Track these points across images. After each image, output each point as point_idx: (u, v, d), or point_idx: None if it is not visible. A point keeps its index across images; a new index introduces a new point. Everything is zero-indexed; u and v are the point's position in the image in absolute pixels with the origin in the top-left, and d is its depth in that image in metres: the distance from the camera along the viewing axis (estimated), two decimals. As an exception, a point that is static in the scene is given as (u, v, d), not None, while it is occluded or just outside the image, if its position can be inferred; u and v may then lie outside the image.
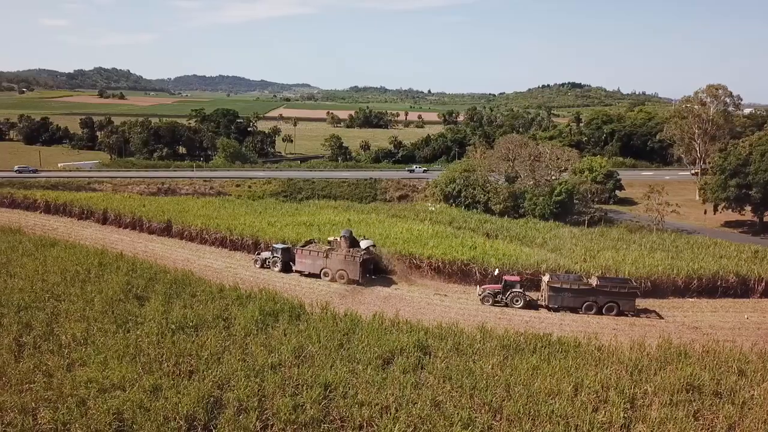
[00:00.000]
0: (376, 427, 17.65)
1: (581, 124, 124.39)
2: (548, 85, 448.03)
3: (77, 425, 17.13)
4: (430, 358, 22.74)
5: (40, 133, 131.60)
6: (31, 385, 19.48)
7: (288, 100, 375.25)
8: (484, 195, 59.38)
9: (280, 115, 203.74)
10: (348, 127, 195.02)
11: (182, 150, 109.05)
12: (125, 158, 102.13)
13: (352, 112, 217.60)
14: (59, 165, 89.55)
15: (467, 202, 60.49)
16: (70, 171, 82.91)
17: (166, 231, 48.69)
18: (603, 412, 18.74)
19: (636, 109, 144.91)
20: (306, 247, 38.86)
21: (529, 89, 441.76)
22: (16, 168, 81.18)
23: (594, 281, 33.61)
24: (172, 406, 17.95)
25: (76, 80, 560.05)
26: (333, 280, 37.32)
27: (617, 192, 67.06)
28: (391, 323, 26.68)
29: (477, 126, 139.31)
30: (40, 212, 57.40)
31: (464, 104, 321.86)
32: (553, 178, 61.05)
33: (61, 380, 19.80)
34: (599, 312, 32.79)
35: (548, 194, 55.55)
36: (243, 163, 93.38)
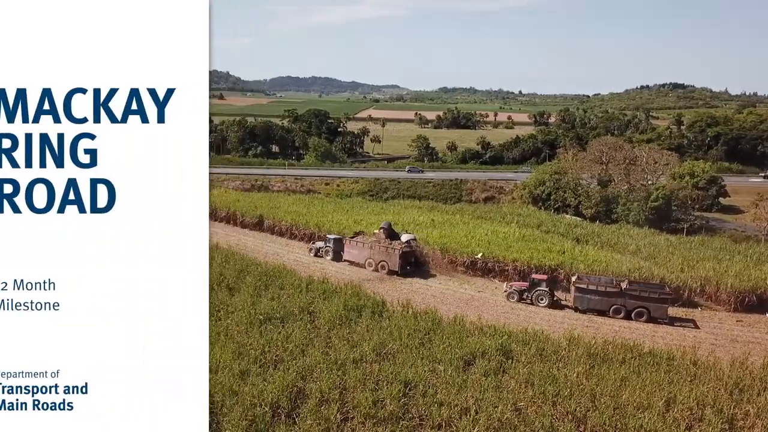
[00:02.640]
0: (454, 428, 17.53)
1: (683, 127, 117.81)
2: (647, 86, 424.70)
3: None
4: (512, 362, 22.34)
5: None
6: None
7: (377, 101, 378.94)
8: (575, 199, 57.61)
9: (369, 116, 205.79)
10: (435, 128, 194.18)
11: (275, 149, 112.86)
12: (222, 155, 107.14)
13: (440, 113, 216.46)
14: None
15: (557, 205, 58.91)
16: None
17: (258, 225, 50.69)
18: (698, 431, 17.69)
19: (745, 111, 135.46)
20: (354, 238, 40.57)
21: (626, 90, 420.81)
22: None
23: (624, 284, 32.78)
24: (258, 392, 18.66)
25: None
26: (375, 270, 38.69)
27: (720, 199, 63.05)
28: (472, 325, 26.47)
29: (569, 128, 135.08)
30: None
31: (556, 105, 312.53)
32: (650, 182, 58.31)
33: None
34: (628, 317, 31.68)
35: (644, 199, 53.13)
36: (333, 163, 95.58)
